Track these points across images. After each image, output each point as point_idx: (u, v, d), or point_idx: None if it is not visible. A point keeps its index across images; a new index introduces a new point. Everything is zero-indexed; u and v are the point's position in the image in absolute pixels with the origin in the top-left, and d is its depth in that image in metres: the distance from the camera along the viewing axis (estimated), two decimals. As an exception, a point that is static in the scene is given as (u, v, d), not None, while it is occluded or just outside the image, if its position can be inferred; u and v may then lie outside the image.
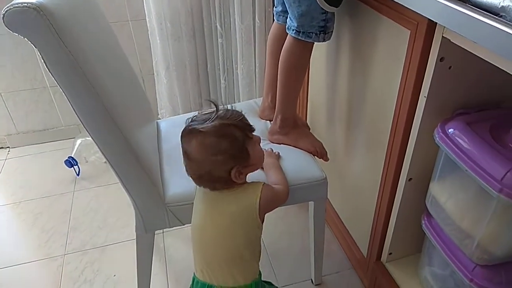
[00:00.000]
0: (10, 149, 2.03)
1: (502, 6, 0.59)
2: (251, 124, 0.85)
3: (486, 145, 0.75)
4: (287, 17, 1.05)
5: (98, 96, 0.81)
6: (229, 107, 0.85)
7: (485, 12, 0.61)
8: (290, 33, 1.01)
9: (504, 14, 0.59)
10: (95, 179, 1.82)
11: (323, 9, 0.95)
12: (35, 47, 0.71)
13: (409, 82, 0.85)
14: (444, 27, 0.72)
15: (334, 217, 1.44)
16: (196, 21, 1.69)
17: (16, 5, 0.68)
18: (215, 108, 0.82)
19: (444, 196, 0.89)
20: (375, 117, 1.04)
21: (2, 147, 2.04)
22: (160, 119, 1.85)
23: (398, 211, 1.03)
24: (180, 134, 0.83)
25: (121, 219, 1.59)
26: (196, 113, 0.87)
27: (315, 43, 1.03)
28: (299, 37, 0.99)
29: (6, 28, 0.68)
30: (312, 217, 1.17)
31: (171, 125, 1.31)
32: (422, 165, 0.94)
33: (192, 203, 0.94)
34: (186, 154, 0.83)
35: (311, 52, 1.06)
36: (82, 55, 0.77)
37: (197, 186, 0.90)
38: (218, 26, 1.68)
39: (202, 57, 1.78)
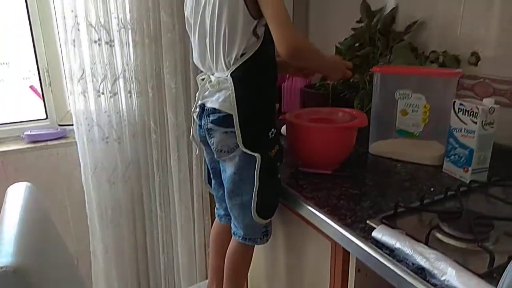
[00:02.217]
0: None
1: (395, 247, 0.81)
2: None
3: None
4: (229, 219, 1.23)
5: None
6: None
7: (380, 251, 0.82)
8: (237, 239, 1.17)
9: (397, 252, 0.81)
10: None
11: None
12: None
13: (336, 285, 1.03)
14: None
15: None
16: (137, 206, 1.82)
17: (-5, 269, 0.75)
18: None
19: None
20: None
21: None
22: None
23: None
24: None
25: None
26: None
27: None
28: (246, 242, 1.16)
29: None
30: None
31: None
32: None
33: None
34: None
35: (253, 249, 1.22)
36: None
37: None
38: (158, 209, 1.82)
39: (141, 239, 1.86)
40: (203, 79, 1.17)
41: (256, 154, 1.04)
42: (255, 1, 1.00)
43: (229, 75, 1.06)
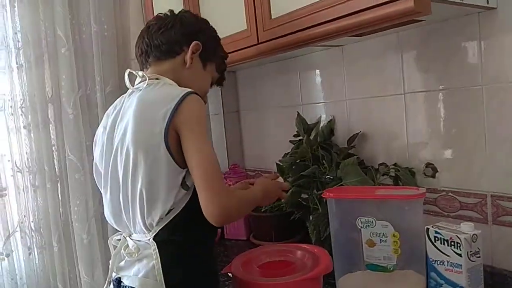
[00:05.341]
0: None
1: None
2: None
3: None
4: None
5: None
6: None
7: None
8: None
9: None
10: None
11: None
12: None
13: None
14: None
15: None
16: None
17: None
18: None
19: None
20: None
21: None
22: None
23: None
24: None
25: None
26: None
27: None
28: None
29: None
30: None
31: None
32: None
33: None
34: None
35: None
36: None
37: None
38: None
39: None
40: (119, 240, 0.88)
41: None
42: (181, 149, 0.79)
43: (151, 238, 0.80)
